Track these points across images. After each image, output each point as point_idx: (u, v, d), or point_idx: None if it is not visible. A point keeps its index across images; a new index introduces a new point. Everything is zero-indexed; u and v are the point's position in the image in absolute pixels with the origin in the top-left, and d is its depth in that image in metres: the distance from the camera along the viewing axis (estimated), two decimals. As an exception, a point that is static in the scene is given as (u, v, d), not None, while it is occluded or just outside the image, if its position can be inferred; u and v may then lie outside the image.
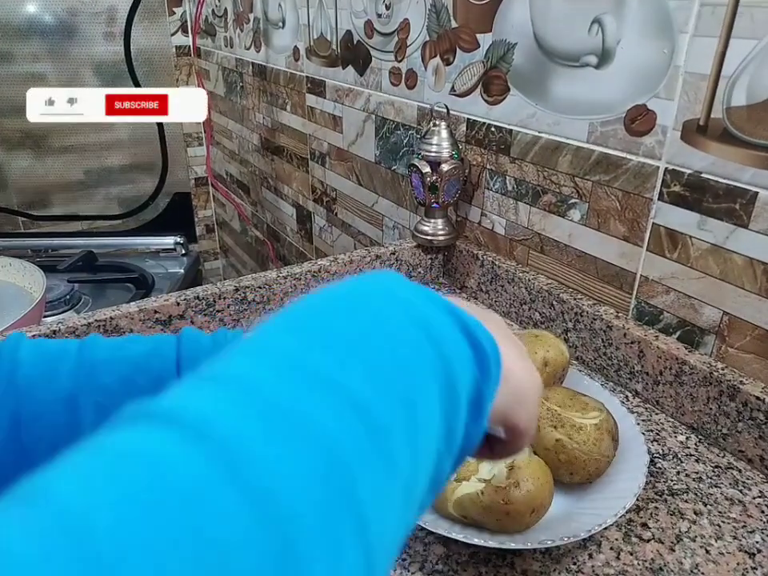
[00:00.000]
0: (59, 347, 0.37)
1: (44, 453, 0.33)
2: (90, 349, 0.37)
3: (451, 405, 0.24)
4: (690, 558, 0.46)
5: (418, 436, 0.22)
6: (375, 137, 1.04)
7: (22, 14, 1.66)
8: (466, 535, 0.44)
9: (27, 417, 0.34)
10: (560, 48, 0.66)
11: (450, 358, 0.25)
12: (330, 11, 1.08)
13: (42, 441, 0.34)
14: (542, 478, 0.45)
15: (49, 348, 0.37)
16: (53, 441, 0.34)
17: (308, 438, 0.19)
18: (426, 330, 0.25)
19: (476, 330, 0.27)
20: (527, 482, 0.44)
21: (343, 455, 0.19)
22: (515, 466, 0.45)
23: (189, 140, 1.96)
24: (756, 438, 0.54)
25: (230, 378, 0.20)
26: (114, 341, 0.38)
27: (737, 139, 0.52)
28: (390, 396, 0.22)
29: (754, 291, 0.54)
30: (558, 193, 0.71)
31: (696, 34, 0.54)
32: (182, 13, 1.79)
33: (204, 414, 0.18)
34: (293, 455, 0.18)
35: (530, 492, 0.44)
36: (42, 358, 0.36)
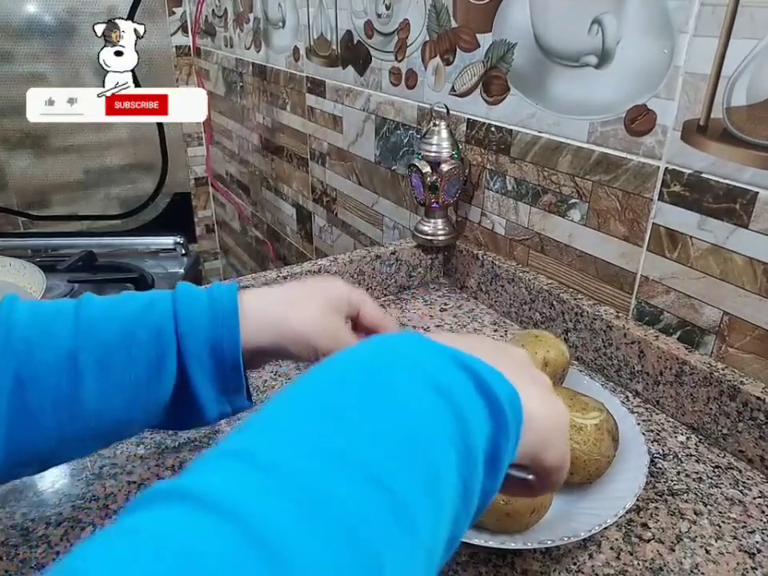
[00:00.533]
0: (55, 307, 0.37)
1: (49, 412, 0.34)
2: (87, 306, 0.37)
3: (468, 468, 0.25)
4: (690, 558, 0.46)
5: (437, 505, 0.23)
6: (375, 137, 1.04)
7: (22, 14, 1.66)
8: (466, 535, 0.44)
9: (29, 377, 0.34)
10: (560, 48, 0.66)
11: (467, 420, 0.25)
12: (329, 11, 1.08)
13: (47, 400, 0.34)
14: None
15: (44, 308, 0.37)
16: (57, 399, 0.34)
17: (332, 519, 0.19)
18: (442, 395, 0.25)
19: (493, 385, 0.27)
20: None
21: (367, 534, 0.19)
22: None
23: (189, 140, 1.96)
24: (756, 438, 0.54)
25: (254, 458, 0.21)
26: (110, 298, 0.39)
27: (737, 139, 0.52)
28: (409, 469, 0.22)
29: (754, 291, 0.54)
30: (558, 193, 0.71)
31: (696, 33, 0.54)
32: (181, 13, 1.79)
33: (236, 499, 0.19)
34: (320, 538, 0.18)
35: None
36: (39, 319, 0.36)
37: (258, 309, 0.40)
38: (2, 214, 1.88)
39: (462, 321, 0.79)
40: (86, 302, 0.38)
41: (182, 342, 0.37)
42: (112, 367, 0.36)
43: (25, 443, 0.34)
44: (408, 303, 0.85)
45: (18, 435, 0.34)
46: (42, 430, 0.34)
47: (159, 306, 0.38)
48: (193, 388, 0.38)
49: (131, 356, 0.36)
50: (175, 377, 0.37)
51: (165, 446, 0.56)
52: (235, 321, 0.38)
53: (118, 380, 0.36)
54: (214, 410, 0.39)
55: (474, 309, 0.83)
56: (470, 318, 0.80)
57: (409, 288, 0.89)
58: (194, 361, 0.37)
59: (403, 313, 0.82)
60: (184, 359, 0.37)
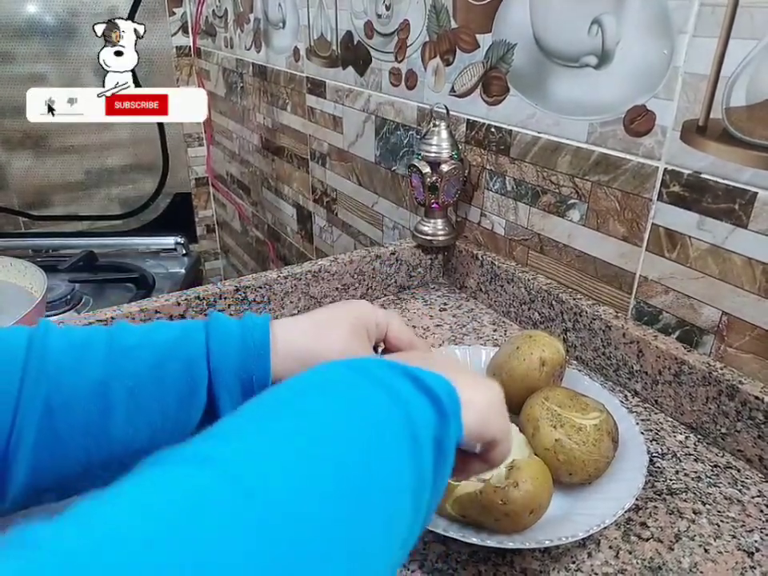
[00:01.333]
0: (88, 334, 0.37)
1: (77, 438, 0.34)
2: (120, 335, 0.37)
3: (417, 450, 0.28)
4: (689, 557, 0.46)
5: (392, 492, 0.26)
6: (375, 137, 1.04)
7: (23, 14, 1.67)
8: (464, 534, 0.44)
9: (59, 404, 0.34)
10: (560, 48, 0.66)
11: (411, 411, 0.29)
12: (330, 12, 1.08)
13: (76, 428, 0.34)
14: (540, 479, 0.45)
15: (78, 335, 0.37)
16: (86, 428, 0.34)
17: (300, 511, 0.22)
18: (387, 391, 0.29)
19: (429, 382, 0.31)
20: (526, 482, 0.44)
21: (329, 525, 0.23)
22: (514, 467, 0.45)
23: (189, 140, 1.96)
24: (755, 437, 0.54)
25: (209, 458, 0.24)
26: (143, 327, 0.39)
27: (736, 139, 0.53)
28: (366, 461, 0.26)
29: (753, 291, 0.54)
30: (558, 193, 0.71)
31: (695, 34, 0.54)
32: (182, 13, 1.79)
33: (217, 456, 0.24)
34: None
35: (528, 492, 0.44)
36: (72, 346, 0.36)
37: (287, 341, 0.40)
38: (2, 214, 1.88)
39: (462, 321, 0.80)
40: (119, 330, 0.38)
41: (213, 375, 0.37)
42: (142, 397, 0.36)
43: (49, 469, 0.34)
44: (408, 303, 0.85)
45: (44, 460, 0.34)
46: (68, 456, 0.35)
47: (192, 337, 0.38)
48: (220, 417, 0.38)
49: (162, 387, 0.36)
50: (204, 407, 0.37)
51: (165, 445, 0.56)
52: (266, 354, 0.38)
53: (148, 410, 0.36)
54: None
55: (473, 309, 0.83)
56: (470, 317, 0.80)
57: (409, 288, 0.89)
58: (225, 393, 0.37)
59: (403, 313, 0.82)
60: (215, 392, 0.37)
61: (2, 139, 1.78)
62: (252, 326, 0.39)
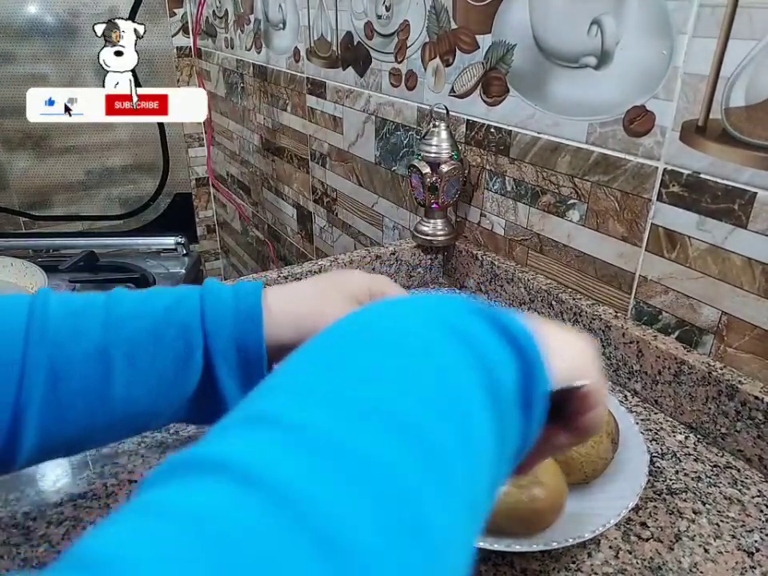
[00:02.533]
0: (86, 301, 0.38)
1: (80, 402, 0.35)
2: (117, 302, 0.38)
3: (498, 406, 0.25)
4: (689, 557, 0.46)
5: (473, 450, 0.23)
6: (375, 138, 1.04)
7: (23, 14, 1.67)
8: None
9: (61, 369, 0.35)
10: (559, 49, 0.66)
11: (491, 363, 0.25)
12: (330, 12, 1.08)
13: (78, 392, 0.35)
14: (559, 476, 0.45)
15: (76, 302, 0.38)
16: (87, 390, 0.36)
17: (367, 472, 0.19)
18: (463, 341, 0.25)
19: (513, 330, 0.27)
20: (547, 479, 0.44)
21: (404, 482, 0.19)
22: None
23: (190, 140, 1.96)
24: (754, 437, 0.54)
25: (280, 421, 0.21)
26: (139, 294, 0.40)
27: (735, 140, 0.53)
28: (440, 416, 0.22)
29: (752, 291, 0.54)
30: (557, 193, 0.71)
31: (695, 34, 0.54)
32: (182, 14, 1.79)
33: (261, 463, 0.19)
34: (355, 494, 0.18)
35: (551, 489, 0.43)
36: (71, 313, 0.37)
37: (280, 306, 0.41)
38: (3, 214, 1.88)
39: (462, 321, 0.80)
40: (116, 297, 0.39)
41: (208, 339, 0.38)
42: (140, 362, 0.37)
43: (55, 431, 0.35)
44: (408, 303, 0.85)
45: (50, 423, 0.35)
46: (72, 419, 0.36)
47: (187, 303, 0.39)
48: (217, 383, 0.39)
49: (159, 352, 0.37)
50: (201, 372, 0.38)
51: (166, 444, 0.56)
52: (259, 317, 0.39)
53: (146, 374, 0.37)
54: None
55: (473, 309, 0.83)
56: (470, 318, 0.80)
57: (409, 288, 0.89)
58: (220, 357, 0.38)
59: (403, 313, 0.82)
60: (210, 355, 0.38)
61: (2, 139, 1.78)
62: (245, 292, 0.40)
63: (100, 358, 0.36)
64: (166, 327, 0.38)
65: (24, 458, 0.35)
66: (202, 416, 0.41)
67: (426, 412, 0.22)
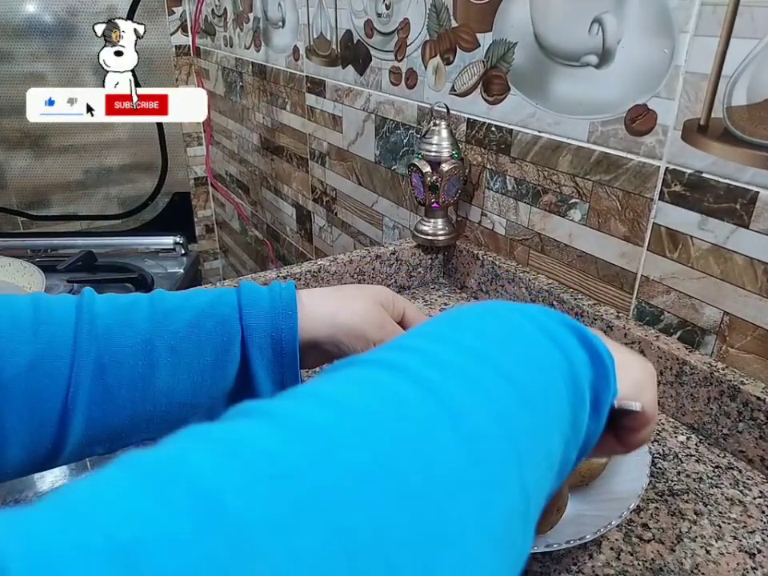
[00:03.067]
0: (130, 299, 0.41)
1: (125, 392, 0.39)
2: (159, 299, 0.41)
3: (576, 398, 0.28)
4: (691, 559, 0.46)
5: (553, 414, 0.27)
6: (375, 136, 1.04)
7: (22, 13, 1.66)
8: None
9: (108, 362, 0.38)
10: (560, 47, 0.66)
11: (573, 360, 0.29)
12: (329, 11, 1.08)
13: (124, 383, 0.38)
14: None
15: (121, 300, 0.41)
16: (132, 382, 0.38)
17: (485, 395, 0.24)
18: (551, 338, 0.29)
19: (591, 339, 0.30)
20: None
21: (507, 412, 0.25)
22: None
23: (188, 140, 1.96)
24: (756, 438, 0.54)
25: (416, 349, 0.26)
26: (179, 293, 0.43)
27: (737, 139, 0.52)
28: (532, 379, 0.27)
29: (754, 291, 0.54)
30: (559, 193, 0.71)
31: (696, 33, 0.54)
32: (181, 12, 1.79)
33: (414, 366, 0.25)
34: (483, 405, 0.24)
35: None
36: (117, 309, 0.40)
37: (313, 303, 0.44)
38: (1, 213, 1.88)
39: (462, 321, 0.79)
40: (159, 295, 0.42)
41: (245, 332, 0.41)
42: (182, 354, 0.39)
43: (101, 421, 0.38)
44: (408, 303, 0.84)
45: (96, 413, 0.37)
46: (117, 409, 0.38)
47: (225, 298, 0.42)
48: (253, 377, 0.41)
49: (200, 345, 0.40)
50: (238, 365, 0.41)
51: (165, 446, 0.56)
52: (294, 313, 0.42)
53: (187, 366, 0.40)
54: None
55: (474, 309, 0.83)
56: (470, 317, 0.80)
57: (409, 288, 0.89)
58: (256, 350, 0.41)
59: (403, 313, 0.82)
60: (247, 348, 0.41)
61: (0, 138, 1.78)
62: (279, 289, 0.43)
63: (145, 349, 0.38)
64: (207, 320, 0.40)
65: (69, 449, 0.37)
66: None
67: (524, 372, 0.27)
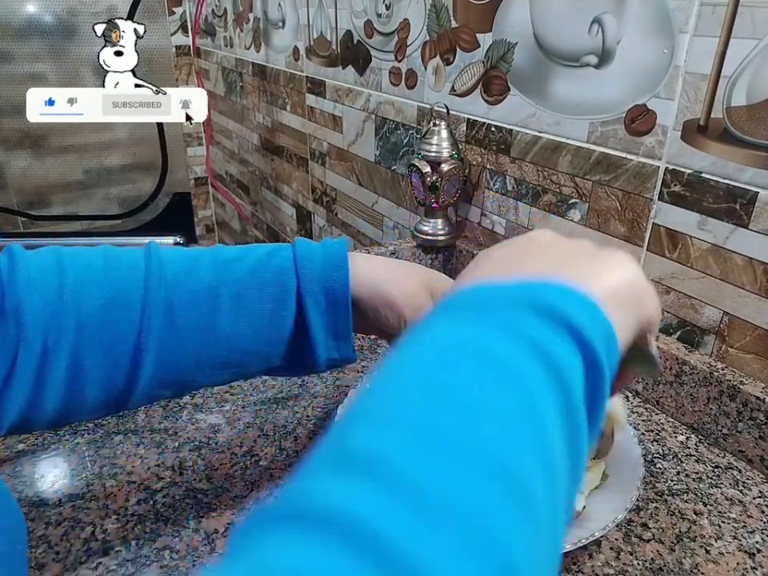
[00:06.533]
0: (193, 251, 0.44)
1: (191, 336, 0.41)
2: (221, 251, 0.44)
3: (573, 430, 0.23)
4: (690, 558, 0.46)
5: (553, 483, 0.22)
6: (375, 137, 1.04)
7: (22, 13, 1.66)
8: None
9: (177, 305, 0.40)
10: (560, 48, 0.66)
11: (568, 382, 0.24)
12: (329, 11, 1.08)
13: (191, 326, 0.40)
14: None
15: (185, 251, 0.43)
16: (198, 325, 0.41)
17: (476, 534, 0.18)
18: (541, 358, 0.24)
19: (586, 337, 0.25)
20: None
21: (492, 524, 0.18)
22: None
23: (188, 140, 1.96)
24: (756, 438, 0.54)
25: (373, 463, 0.19)
26: (238, 247, 0.45)
27: (737, 139, 0.52)
28: (530, 454, 0.21)
29: (754, 291, 0.54)
30: (558, 193, 0.71)
31: (696, 33, 0.54)
32: (181, 13, 1.79)
33: (358, 517, 0.17)
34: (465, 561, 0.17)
35: None
36: (182, 258, 0.42)
37: (363, 266, 0.45)
38: (1, 214, 1.88)
39: (462, 321, 0.79)
40: (220, 247, 0.44)
41: (301, 281, 0.43)
42: (244, 300, 0.42)
43: (170, 362, 0.40)
44: (408, 303, 0.84)
45: (165, 355, 0.40)
46: (185, 352, 0.41)
47: (282, 251, 0.44)
48: (308, 326, 0.43)
49: (260, 291, 0.42)
50: (295, 313, 0.43)
51: (165, 446, 0.56)
52: (345, 266, 0.44)
53: (249, 312, 0.42)
54: (324, 354, 0.45)
55: (473, 309, 0.83)
56: (470, 317, 0.80)
57: (409, 288, 0.89)
58: (311, 299, 0.43)
59: (403, 313, 0.82)
60: (302, 297, 0.43)
61: (0, 139, 1.78)
62: (331, 243, 0.45)
63: (210, 295, 0.41)
64: (265, 270, 0.43)
65: (140, 391, 0.40)
66: (294, 364, 0.46)
67: (518, 453, 0.21)
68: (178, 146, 1.93)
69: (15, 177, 1.86)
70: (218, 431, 0.58)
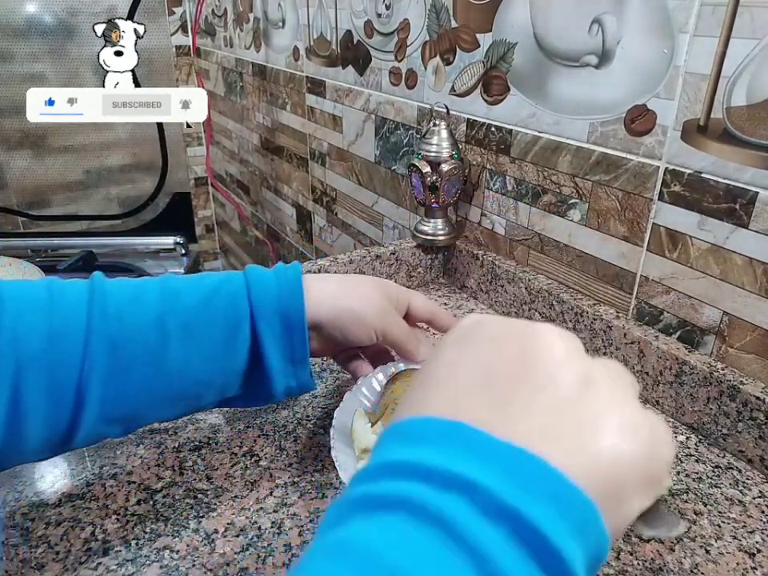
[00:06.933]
0: (140, 281, 0.42)
1: (139, 369, 0.39)
2: (169, 281, 0.43)
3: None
4: (690, 558, 0.46)
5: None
6: (375, 137, 1.04)
7: (22, 13, 1.66)
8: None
9: (122, 339, 0.38)
10: (560, 48, 0.66)
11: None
12: (329, 11, 1.08)
13: (138, 360, 0.39)
14: None
15: (131, 282, 0.42)
16: (145, 358, 0.39)
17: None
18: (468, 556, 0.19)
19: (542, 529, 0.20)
20: None
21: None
22: None
23: (188, 140, 1.96)
24: (756, 438, 0.54)
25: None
26: (187, 276, 0.44)
27: (737, 139, 0.52)
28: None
29: (754, 291, 0.54)
30: (558, 193, 0.71)
31: (696, 33, 0.54)
32: (181, 12, 1.79)
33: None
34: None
35: None
36: (127, 289, 0.41)
37: (317, 286, 0.45)
38: (1, 213, 1.88)
39: (462, 321, 0.79)
40: (168, 277, 0.43)
41: (254, 309, 0.42)
42: (194, 330, 0.40)
43: (117, 399, 0.39)
44: (408, 303, 0.84)
45: (111, 392, 0.38)
46: (132, 387, 0.39)
47: (232, 279, 0.43)
48: (263, 352, 0.42)
49: (210, 322, 0.41)
50: (249, 342, 0.42)
51: (165, 446, 0.56)
52: (300, 291, 0.43)
53: (199, 342, 0.41)
54: (282, 382, 0.44)
55: (473, 309, 0.83)
56: (470, 317, 0.80)
57: (408, 288, 0.89)
58: (265, 325, 0.42)
59: (403, 313, 0.82)
60: (256, 323, 0.42)
61: (0, 138, 1.78)
62: (284, 269, 0.44)
63: (157, 325, 0.39)
64: (216, 298, 0.42)
65: (85, 430, 0.38)
66: (250, 393, 0.45)
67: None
68: (178, 146, 1.93)
69: (15, 177, 1.86)
70: (217, 431, 0.58)
